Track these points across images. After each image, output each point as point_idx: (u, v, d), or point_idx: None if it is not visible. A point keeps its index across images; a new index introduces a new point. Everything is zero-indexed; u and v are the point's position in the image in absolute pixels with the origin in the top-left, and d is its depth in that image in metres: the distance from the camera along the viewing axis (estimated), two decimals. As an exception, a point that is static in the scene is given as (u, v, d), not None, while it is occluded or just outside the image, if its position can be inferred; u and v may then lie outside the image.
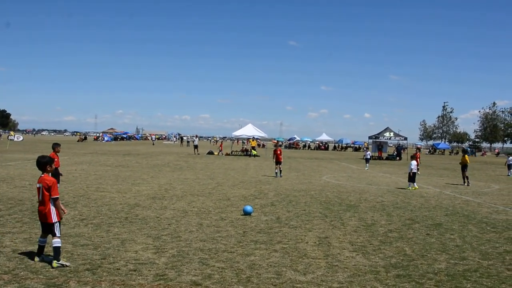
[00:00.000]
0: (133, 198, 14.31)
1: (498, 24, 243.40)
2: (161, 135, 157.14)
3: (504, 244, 9.50)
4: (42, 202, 7.01)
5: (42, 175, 7.09)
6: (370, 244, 9.01)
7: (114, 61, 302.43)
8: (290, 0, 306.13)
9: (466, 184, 23.19)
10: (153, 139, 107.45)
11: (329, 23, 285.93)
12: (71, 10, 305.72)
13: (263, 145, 78.13)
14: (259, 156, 47.18)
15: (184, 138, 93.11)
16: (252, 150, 48.46)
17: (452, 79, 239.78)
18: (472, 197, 17.80)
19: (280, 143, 57.98)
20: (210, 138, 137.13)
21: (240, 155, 48.66)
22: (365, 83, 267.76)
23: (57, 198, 6.98)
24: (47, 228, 7.05)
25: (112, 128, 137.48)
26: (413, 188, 19.91)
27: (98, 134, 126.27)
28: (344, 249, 8.59)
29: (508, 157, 34.08)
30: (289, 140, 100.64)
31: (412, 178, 20.07)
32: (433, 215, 13.02)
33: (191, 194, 15.64)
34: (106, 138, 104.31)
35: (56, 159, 12.38)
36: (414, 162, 20.58)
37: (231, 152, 50.29)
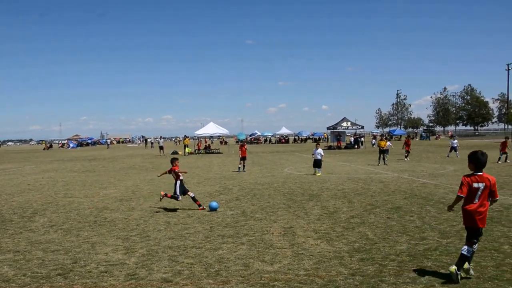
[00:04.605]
0: (101, 202, 14.26)
1: (445, 13, 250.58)
2: (125, 138, 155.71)
3: (461, 222, 9.85)
4: None
5: None
6: (334, 231, 9.30)
7: (75, 68, 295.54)
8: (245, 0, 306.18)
9: (382, 164, 26.90)
10: (108, 142, 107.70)
11: (283, 20, 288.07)
12: (31, 17, 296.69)
13: (225, 142, 78.66)
14: (193, 153, 47.51)
15: (148, 140, 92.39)
16: (186, 148, 48.71)
17: (404, 67, 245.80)
18: (429, 179, 18.46)
19: (246, 139, 58.48)
20: (173, 139, 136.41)
21: (203, 153, 48.73)
22: (322, 76, 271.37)
23: None
24: None
25: (77, 135, 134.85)
26: (317, 174, 21.26)
27: (63, 142, 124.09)
28: (309, 237, 8.84)
29: (453, 139, 35.32)
30: (250, 135, 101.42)
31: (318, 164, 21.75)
32: (393, 199, 13.48)
33: (157, 194, 15.59)
34: (71, 145, 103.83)
35: None
36: (318, 151, 22.12)
37: (195, 151, 50.28)
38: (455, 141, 34.42)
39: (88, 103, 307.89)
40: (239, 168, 24.81)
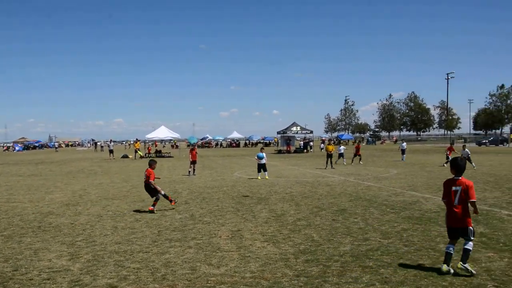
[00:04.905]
0: (46, 207, 13.86)
1: (389, 16, 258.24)
2: (75, 141, 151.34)
3: (402, 223, 10.35)
4: None
5: None
6: (280, 233, 9.46)
7: (22, 69, 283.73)
8: (199, 4, 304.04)
9: (329, 167, 27.57)
10: (56, 145, 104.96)
11: (235, 25, 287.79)
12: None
13: (177, 146, 78.25)
14: (144, 157, 47.17)
15: (98, 143, 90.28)
16: (138, 151, 48.23)
17: (352, 73, 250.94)
18: (374, 182, 19.03)
19: (198, 143, 58.31)
20: (124, 142, 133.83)
21: (154, 157, 48.07)
22: (273, 81, 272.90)
23: None
24: None
25: (23, 138, 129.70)
26: (261, 178, 21.32)
27: (8, 145, 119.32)
28: (256, 240, 8.96)
29: (402, 143, 36.77)
30: (201, 139, 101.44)
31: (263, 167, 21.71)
32: (338, 201, 13.83)
33: (105, 198, 15.40)
34: (17, 148, 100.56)
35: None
36: (262, 155, 21.94)
37: (145, 155, 49.60)
38: (404, 143, 35.87)
39: (35, 105, 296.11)
40: (189, 172, 24.80)
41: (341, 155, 31.78)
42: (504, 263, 7.00)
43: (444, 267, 6.53)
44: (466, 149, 27.38)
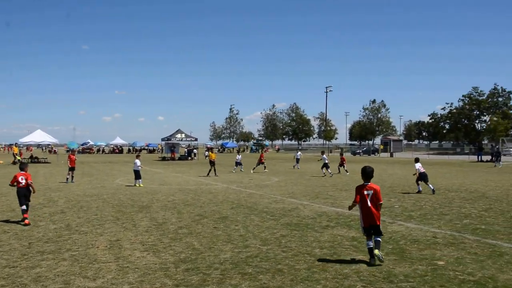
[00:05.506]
0: None
1: (271, 30, 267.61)
2: None
3: (281, 229, 10.68)
4: None
5: None
6: (161, 242, 9.30)
7: None
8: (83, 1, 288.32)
9: (209, 175, 27.86)
10: None
11: (118, 24, 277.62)
12: None
13: (55, 151, 74.30)
14: (16, 162, 44.54)
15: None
16: (16, 156, 45.39)
17: (237, 83, 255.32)
18: (255, 190, 19.46)
19: (77, 149, 55.62)
20: None
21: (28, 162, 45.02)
22: (158, 87, 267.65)
23: None
24: None
25: None
26: (139, 185, 21.19)
27: None
28: (135, 249, 8.72)
29: (297, 152, 38.70)
30: (82, 144, 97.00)
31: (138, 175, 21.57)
32: (220, 209, 13.93)
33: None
34: None
35: None
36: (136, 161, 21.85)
37: (18, 160, 46.24)
38: (299, 153, 37.54)
39: None
40: (67, 179, 23.56)
41: (238, 163, 32.69)
42: (372, 265, 7.51)
43: (376, 252, 7.55)
44: (324, 156, 29.50)
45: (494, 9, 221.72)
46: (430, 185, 18.04)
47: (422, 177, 18.21)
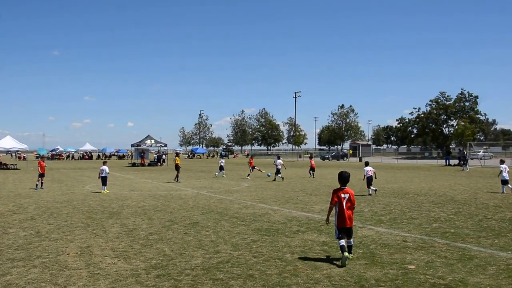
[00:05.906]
0: None
1: (242, 37, 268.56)
2: None
3: (252, 235, 10.75)
4: None
5: None
6: (132, 249, 9.26)
7: None
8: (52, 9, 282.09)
9: (176, 180, 28.12)
10: None
11: (90, 32, 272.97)
12: None
13: (24, 158, 72.95)
14: None
15: None
16: None
17: (206, 89, 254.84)
18: (225, 195, 19.50)
19: (46, 155, 54.64)
20: None
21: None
22: (127, 93, 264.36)
23: None
24: None
25: None
26: (105, 192, 21.02)
27: None
28: (106, 256, 8.66)
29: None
30: (52, 151, 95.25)
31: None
32: (191, 214, 13.92)
33: None
34: None
35: None
36: (104, 167, 21.67)
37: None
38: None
39: None
40: (36, 185, 23.23)
41: (221, 167, 33.51)
42: (343, 269, 7.63)
43: (345, 254, 7.91)
44: (279, 160, 30.72)
45: (462, 12, 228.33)
46: (370, 189, 19.33)
47: (368, 180, 19.39)
